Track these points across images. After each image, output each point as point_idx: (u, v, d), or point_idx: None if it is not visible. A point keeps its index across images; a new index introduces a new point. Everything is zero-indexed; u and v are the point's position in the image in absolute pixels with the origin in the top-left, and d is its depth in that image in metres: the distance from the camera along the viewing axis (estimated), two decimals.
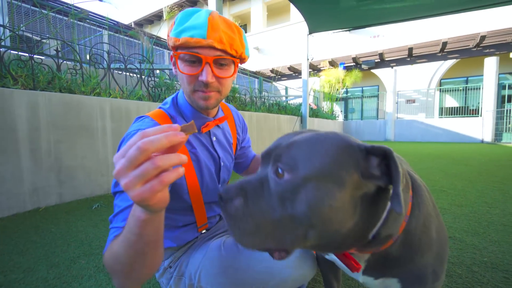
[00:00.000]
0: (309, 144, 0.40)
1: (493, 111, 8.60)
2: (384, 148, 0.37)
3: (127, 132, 0.63)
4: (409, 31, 9.47)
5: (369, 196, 0.39)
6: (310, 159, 0.38)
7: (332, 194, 0.36)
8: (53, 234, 1.48)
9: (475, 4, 3.07)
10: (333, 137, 0.41)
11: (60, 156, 2.05)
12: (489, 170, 3.39)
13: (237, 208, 0.39)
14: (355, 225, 0.39)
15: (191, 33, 0.57)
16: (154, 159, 0.32)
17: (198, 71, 0.60)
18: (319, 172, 0.37)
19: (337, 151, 0.39)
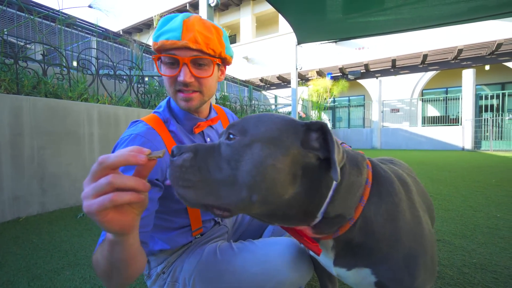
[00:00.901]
0: (258, 117, 0.45)
1: (472, 120, 9.04)
2: (320, 123, 0.42)
3: (121, 137, 0.63)
4: (392, 44, 9.91)
5: (311, 168, 0.42)
6: (258, 126, 0.42)
7: (275, 155, 0.39)
8: (35, 244, 1.40)
9: (452, 19, 3.27)
10: (279, 115, 0.46)
11: (43, 163, 1.96)
12: (471, 176, 3.52)
13: (185, 160, 0.40)
14: (297, 194, 0.41)
15: (167, 36, 0.59)
16: (109, 175, 0.33)
17: (177, 73, 0.62)
18: (265, 135, 0.41)
19: (282, 123, 0.44)
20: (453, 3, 2.78)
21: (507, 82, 10.28)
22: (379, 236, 0.47)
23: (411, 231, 0.49)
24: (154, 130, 0.65)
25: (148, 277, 0.72)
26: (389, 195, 0.49)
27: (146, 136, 0.62)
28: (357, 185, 0.47)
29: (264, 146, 0.40)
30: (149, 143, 0.62)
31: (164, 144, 0.65)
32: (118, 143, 0.62)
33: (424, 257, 0.49)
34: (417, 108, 11.16)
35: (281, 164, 0.39)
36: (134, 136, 0.62)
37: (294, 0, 2.85)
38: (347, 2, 2.90)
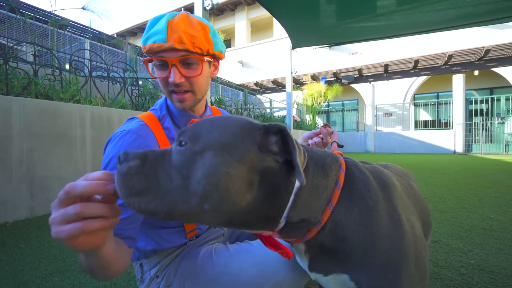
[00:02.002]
0: (212, 121, 0.42)
1: (462, 124, 9.23)
2: (278, 126, 0.40)
3: (114, 133, 0.64)
4: (385, 49, 10.10)
5: (270, 173, 0.40)
6: (211, 131, 0.40)
7: (228, 162, 0.37)
8: (22, 250, 1.34)
9: (442, 25, 3.35)
10: (235, 117, 0.44)
11: (33, 166, 1.90)
12: (464, 178, 3.57)
13: (131, 167, 0.38)
14: (255, 200, 0.39)
15: (154, 39, 0.60)
16: (77, 205, 0.33)
17: (167, 74, 0.62)
18: (217, 142, 0.39)
19: (236, 126, 0.41)
20: (443, 10, 2.85)
21: (495, 87, 10.57)
22: (352, 241, 0.45)
23: (389, 236, 0.46)
24: (147, 127, 0.65)
25: (141, 281, 0.69)
26: (362, 198, 0.47)
27: (137, 132, 0.63)
28: (322, 187, 0.45)
29: (217, 154, 0.37)
30: (140, 139, 0.62)
31: (157, 140, 0.65)
32: (111, 139, 0.63)
33: (405, 264, 0.45)
34: (410, 112, 11.36)
35: (236, 171, 0.37)
36: (126, 132, 0.62)
37: (289, 5, 2.88)
38: (341, 8, 2.95)
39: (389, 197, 0.50)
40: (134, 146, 0.61)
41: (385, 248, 0.45)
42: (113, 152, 0.60)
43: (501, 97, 9.27)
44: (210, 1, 3.14)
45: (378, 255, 0.45)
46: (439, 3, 2.67)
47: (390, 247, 0.45)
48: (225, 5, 13.45)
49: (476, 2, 2.64)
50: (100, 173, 0.37)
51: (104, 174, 0.37)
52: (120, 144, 0.61)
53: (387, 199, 0.50)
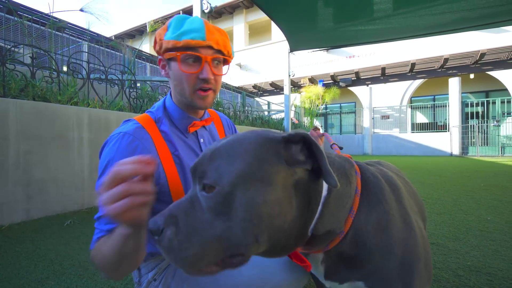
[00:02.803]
0: (228, 149, 0.39)
1: (459, 127, 9.31)
2: (301, 134, 0.38)
3: (110, 135, 0.64)
4: (382, 52, 10.19)
5: (301, 184, 0.39)
6: (232, 165, 0.37)
7: (262, 191, 0.36)
8: (18, 254, 1.32)
9: (438, 29, 3.40)
10: (251, 136, 0.41)
11: (29, 168, 1.89)
12: (460, 180, 3.59)
13: (170, 238, 0.36)
14: (295, 217, 0.39)
15: (192, 35, 0.62)
16: (124, 184, 0.39)
17: (198, 70, 0.64)
18: (243, 175, 0.36)
19: (256, 148, 0.38)
20: (439, 14, 2.89)
21: (490, 90, 10.69)
22: (371, 247, 0.45)
23: (404, 239, 0.47)
24: (143, 129, 0.65)
25: (139, 284, 0.69)
26: (379, 202, 0.47)
27: (134, 134, 0.62)
28: (346, 196, 0.44)
29: (249, 187, 0.36)
30: (137, 141, 0.62)
31: (153, 142, 0.65)
32: (107, 142, 0.63)
33: (418, 265, 0.47)
34: (407, 115, 11.44)
35: (273, 196, 0.36)
36: (123, 134, 0.62)
37: (287, 9, 2.90)
38: (338, 12, 2.98)
39: (399, 199, 0.51)
40: (131, 148, 0.61)
41: (400, 252, 0.46)
42: (110, 155, 0.60)
43: (497, 100, 9.37)
44: (208, 4, 3.16)
45: (394, 258, 0.45)
46: (435, 7, 2.71)
47: (404, 250, 0.46)
48: (223, 8, 13.52)
49: (471, 6, 2.68)
50: (135, 158, 0.41)
51: (139, 158, 0.41)
52: (117, 146, 0.60)
53: (399, 202, 0.50)
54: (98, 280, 1.08)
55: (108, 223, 0.57)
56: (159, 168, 0.64)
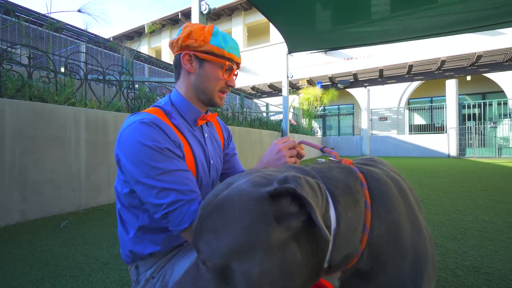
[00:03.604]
0: (215, 221, 0.37)
1: (456, 128, 9.36)
2: (286, 188, 0.35)
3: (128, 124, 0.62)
4: (380, 54, 10.25)
5: (302, 233, 0.37)
6: (220, 240, 0.35)
7: (257, 260, 0.34)
8: (13, 255, 1.31)
9: (435, 31, 3.42)
10: (235, 199, 0.37)
11: (25, 169, 1.87)
12: (458, 182, 3.61)
13: None
14: (305, 265, 0.37)
15: (236, 52, 0.76)
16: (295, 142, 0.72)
17: (229, 77, 0.76)
18: (233, 250, 0.34)
19: (241, 217, 0.36)
20: (436, 16, 2.91)
21: (487, 92, 10.77)
22: (384, 259, 0.45)
23: (414, 244, 0.47)
24: (160, 119, 0.65)
25: (137, 283, 0.68)
26: (389, 212, 0.46)
27: (155, 121, 0.62)
28: (357, 217, 0.43)
29: (242, 260, 0.34)
30: (163, 125, 0.62)
31: (173, 130, 0.66)
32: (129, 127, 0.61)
33: (427, 267, 0.47)
34: (404, 117, 11.49)
35: (269, 263, 0.34)
36: (147, 119, 0.61)
37: (285, 11, 2.91)
38: (336, 14, 2.99)
39: (407, 203, 0.50)
40: (159, 130, 0.61)
41: (412, 256, 0.46)
42: (147, 135, 0.59)
43: (493, 102, 9.44)
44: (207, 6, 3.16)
45: (406, 265, 0.45)
46: (432, 9, 2.73)
47: (415, 254, 0.46)
48: (222, 10, 13.55)
49: (467, 9, 2.70)
50: (287, 137, 0.73)
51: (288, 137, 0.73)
52: (147, 128, 0.59)
53: (407, 205, 0.50)
54: (93, 281, 1.06)
55: (194, 191, 0.60)
56: (183, 153, 0.67)
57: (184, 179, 0.60)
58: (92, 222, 1.88)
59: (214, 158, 0.82)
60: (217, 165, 0.84)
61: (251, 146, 5.05)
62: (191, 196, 0.59)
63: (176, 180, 0.59)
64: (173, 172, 0.59)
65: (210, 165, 0.79)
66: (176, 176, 0.59)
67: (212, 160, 0.81)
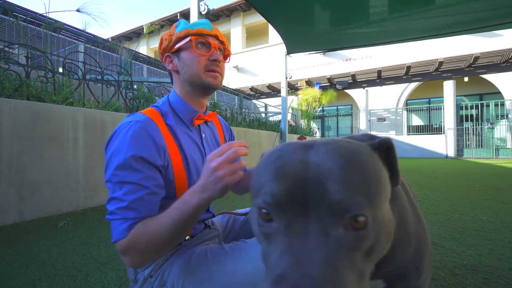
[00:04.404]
0: (355, 167, 0.31)
1: (454, 129, 9.41)
2: (389, 140, 0.37)
3: (120, 125, 0.64)
4: (378, 56, 10.30)
5: None
6: (369, 186, 0.30)
7: (388, 210, 0.32)
8: (10, 255, 1.30)
9: (433, 32, 3.45)
10: (357, 146, 0.34)
11: (23, 169, 1.86)
12: (456, 182, 3.62)
13: None
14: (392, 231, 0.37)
15: (203, 26, 0.72)
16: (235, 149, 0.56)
17: (209, 53, 0.72)
18: (380, 197, 0.31)
19: (373, 162, 0.33)
20: (433, 18, 2.93)
21: (484, 93, 10.84)
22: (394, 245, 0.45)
23: (417, 232, 0.47)
24: (152, 121, 0.66)
25: (135, 282, 0.68)
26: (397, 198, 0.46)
27: (145, 123, 0.63)
28: None
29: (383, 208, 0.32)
30: (149, 129, 0.63)
31: (161, 134, 0.66)
32: (118, 131, 0.62)
33: (427, 253, 0.48)
34: (402, 118, 11.54)
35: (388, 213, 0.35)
36: (135, 122, 0.62)
37: (284, 12, 2.92)
38: (335, 15, 3.00)
39: (407, 193, 0.51)
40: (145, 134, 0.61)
41: (415, 244, 0.46)
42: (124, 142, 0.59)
43: (490, 103, 9.50)
44: (206, 6, 3.17)
45: (410, 252, 0.46)
46: (429, 11, 2.75)
47: (419, 242, 0.47)
48: (220, 11, 13.57)
49: (464, 10, 2.72)
50: (239, 142, 0.58)
51: (240, 142, 0.57)
52: (133, 132, 0.60)
53: (408, 195, 0.51)
54: (91, 281, 1.06)
55: (136, 210, 0.57)
56: (168, 159, 0.66)
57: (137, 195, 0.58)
58: (90, 222, 1.87)
59: None
60: None
61: (250, 146, 5.04)
62: (128, 215, 0.56)
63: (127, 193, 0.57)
64: (130, 184, 0.58)
65: None
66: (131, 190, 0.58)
67: None
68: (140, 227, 0.56)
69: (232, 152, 0.54)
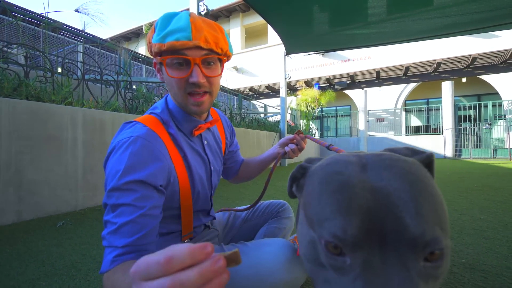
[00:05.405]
0: (427, 198, 0.30)
1: (452, 130, 9.44)
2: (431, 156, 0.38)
3: (118, 140, 0.57)
4: (376, 56, 10.33)
5: None
6: (440, 219, 0.30)
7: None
8: (8, 255, 1.29)
9: (431, 33, 3.47)
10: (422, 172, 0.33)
11: (21, 169, 1.86)
12: (454, 182, 3.64)
13: None
14: None
15: (176, 36, 0.56)
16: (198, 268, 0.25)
17: (188, 74, 0.59)
18: (448, 223, 0.31)
19: (437, 189, 0.32)
20: (431, 19, 2.95)
21: (482, 94, 10.89)
22: None
23: None
24: (154, 132, 0.60)
25: None
26: None
27: (146, 137, 0.57)
28: None
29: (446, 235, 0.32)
30: (151, 145, 0.58)
31: (165, 146, 0.61)
32: (117, 147, 0.56)
33: None
34: (401, 118, 11.57)
35: None
36: (135, 137, 0.56)
37: (283, 12, 2.93)
38: (334, 16, 3.02)
39: None
40: (147, 152, 0.56)
41: None
42: (122, 162, 0.53)
43: (488, 104, 9.54)
44: (205, 7, 3.18)
45: None
46: (427, 12, 2.77)
47: None
48: (220, 12, 13.59)
49: (462, 12, 2.74)
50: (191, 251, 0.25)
51: (194, 247, 0.26)
52: (131, 150, 0.55)
53: None
54: (91, 281, 1.06)
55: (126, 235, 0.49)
56: (173, 173, 0.62)
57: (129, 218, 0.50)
58: (89, 222, 1.86)
59: (216, 164, 0.80)
60: (218, 169, 0.83)
61: (249, 147, 5.05)
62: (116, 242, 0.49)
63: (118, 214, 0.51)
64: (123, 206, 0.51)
65: (211, 172, 0.77)
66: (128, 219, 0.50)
67: (213, 167, 0.78)
68: (116, 270, 0.46)
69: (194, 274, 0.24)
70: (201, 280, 0.24)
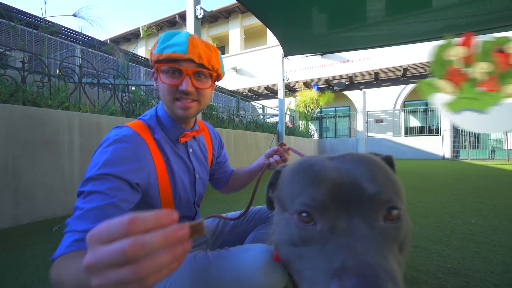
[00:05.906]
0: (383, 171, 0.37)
1: (450, 131, 9.47)
2: (390, 157, 0.44)
3: (104, 139, 0.62)
4: (375, 58, 10.36)
5: None
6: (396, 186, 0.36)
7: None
8: (3, 260, 1.32)
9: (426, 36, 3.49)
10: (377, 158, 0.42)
11: (18, 173, 1.88)
12: (449, 184, 3.66)
13: None
14: None
15: (174, 49, 0.64)
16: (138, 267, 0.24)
17: (179, 82, 0.66)
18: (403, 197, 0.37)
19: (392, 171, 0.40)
20: (426, 22, 2.98)
21: None
22: None
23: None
24: (140, 135, 0.65)
25: None
26: None
27: (131, 138, 0.62)
28: None
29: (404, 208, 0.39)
30: (134, 145, 0.62)
31: (149, 150, 0.65)
32: (102, 144, 0.61)
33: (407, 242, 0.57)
34: (400, 119, 11.59)
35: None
36: (120, 137, 0.61)
37: (281, 15, 2.96)
38: (331, 18, 3.04)
39: None
40: (128, 152, 0.59)
41: None
42: (105, 155, 0.57)
43: None
44: (202, 10, 3.20)
45: None
46: (422, 15, 2.80)
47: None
48: (219, 13, 13.62)
49: (457, 15, 2.77)
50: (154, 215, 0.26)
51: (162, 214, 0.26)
52: (113, 148, 0.59)
53: None
54: None
55: (88, 220, 0.47)
56: (154, 175, 0.65)
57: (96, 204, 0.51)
58: None
59: (201, 172, 0.83)
60: (203, 177, 0.85)
61: (246, 148, 5.07)
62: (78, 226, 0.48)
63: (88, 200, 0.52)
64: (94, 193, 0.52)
65: (195, 180, 0.80)
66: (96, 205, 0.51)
67: (198, 174, 0.81)
68: (66, 260, 0.42)
69: (119, 253, 0.23)
70: (163, 243, 0.25)
